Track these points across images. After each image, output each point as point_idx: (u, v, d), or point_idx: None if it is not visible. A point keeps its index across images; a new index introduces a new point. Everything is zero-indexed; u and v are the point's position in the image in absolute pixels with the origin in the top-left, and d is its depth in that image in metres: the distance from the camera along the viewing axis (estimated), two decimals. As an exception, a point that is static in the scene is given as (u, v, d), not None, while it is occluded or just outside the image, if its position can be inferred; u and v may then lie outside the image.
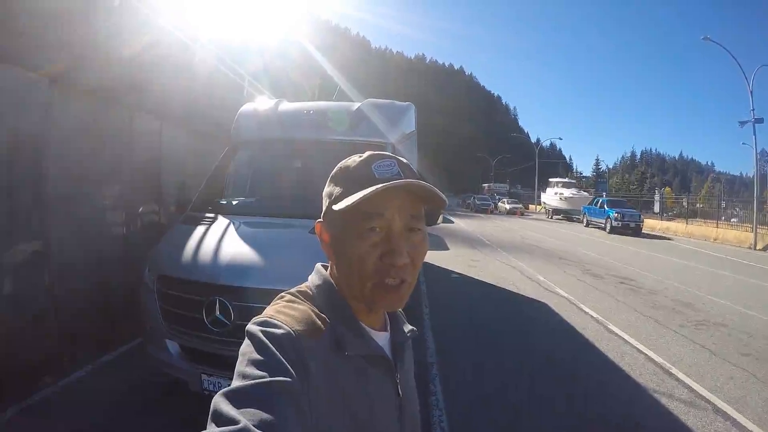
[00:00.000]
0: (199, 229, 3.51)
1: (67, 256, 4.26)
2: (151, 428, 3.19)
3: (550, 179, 43.26)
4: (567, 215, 34.38)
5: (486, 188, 66.45)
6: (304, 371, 0.64)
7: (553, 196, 37.45)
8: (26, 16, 3.70)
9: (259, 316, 0.72)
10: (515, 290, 8.21)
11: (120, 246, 5.10)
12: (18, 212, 3.73)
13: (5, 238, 3.63)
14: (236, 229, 3.47)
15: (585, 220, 27.58)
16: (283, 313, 0.72)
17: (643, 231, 23.64)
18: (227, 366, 0.62)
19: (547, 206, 38.98)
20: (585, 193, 36.71)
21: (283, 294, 0.80)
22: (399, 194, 0.73)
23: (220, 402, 0.58)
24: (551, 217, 36.30)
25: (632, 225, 22.66)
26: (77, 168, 4.41)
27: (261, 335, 0.66)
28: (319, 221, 0.83)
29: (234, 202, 4.31)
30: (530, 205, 52.13)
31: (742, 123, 23.00)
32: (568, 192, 35.70)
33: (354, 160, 0.80)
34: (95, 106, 4.62)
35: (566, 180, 42.22)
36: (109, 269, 4.86)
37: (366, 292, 0.75)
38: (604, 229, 23.71)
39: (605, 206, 24.47)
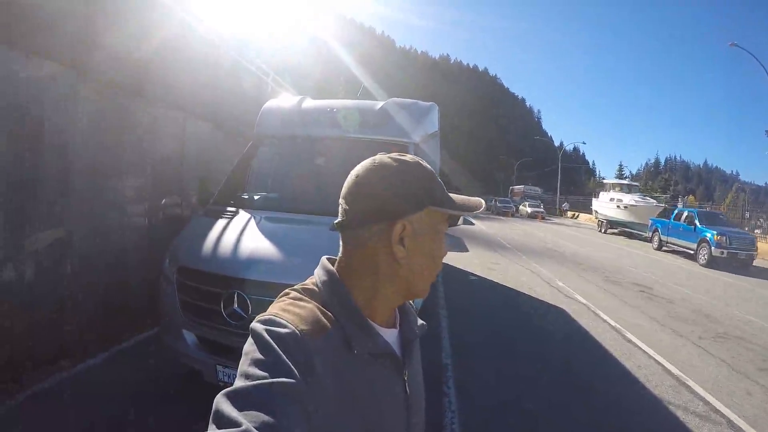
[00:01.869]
0: (220, 223, 3.54)
1: (89, 247, 4.34)
2: (166, 417, 3.23)
3: (605, 181, 34.09)
4: (626, 229, 25.19)
5: (517, 191, 59.76)
6: (309, 371, 0.64)
7: (607, 203, 27.27)
8: (51, 9, 3.77)
9: (263, 314, 0.71)
10: (534, 295, 8.12)
11: (142, 238, 5.17)
12: (43, 203, 3.81)
13: (29, 229, 3.71)
14: (257, 224, 3.49)
15: (656, 239, 18.65)
16: (289, 311, 0.71)
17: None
18: (243, 359, 0.64)
19: (599, 216, 28.91)
20: (653, 201, 26.17)
21: (288, 290, 0.79)
22: None
23: (221, 402, 0.58)
24: (605, 231, 27.32)
25: (742, 255, 14.03)
26: (101, 161, 4.48)
27: (265, 334, 0.66)
28: (404, 220, 0.77)
29: (256, 197, 4.34)
30: (569, 212, 48.60)
31: (769, 132, 22.47)
32: (628, 198, 25.27)
33: (421, 160, 0.83)
34: (119, 100, 4.70)
35: (626, 182, 31.05)
36: (131, 260, 4.95)
37: (427, 286, 0.83)
38: (694, 258, 15.30)
39: (696, 222, 15.62)
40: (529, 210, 41.41)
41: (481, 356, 4.99)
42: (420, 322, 0.91)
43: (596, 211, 29.93)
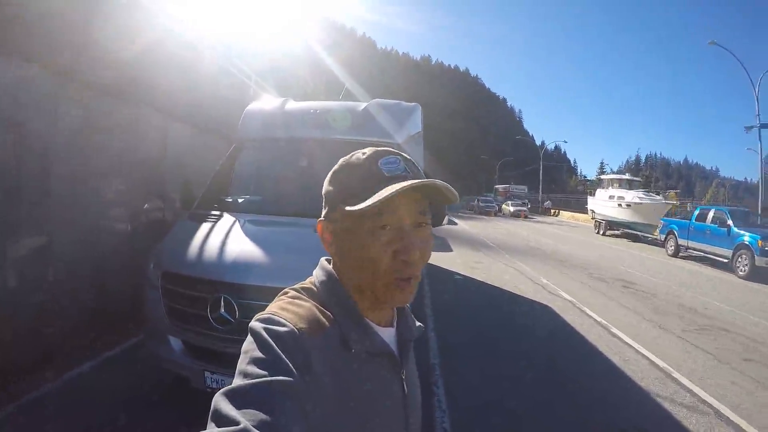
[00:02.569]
0: (205, 226, 3.51)
1: (70, 252, 4.27)
2: (155, 424, 3.19)
3: (602, 177, 30.68)
4: (629, 231, 21.70)
5: (501, 190, 59.58)
6: (308, 370, 0.64)
7: (606, 201, 23.74)
8: (34, 13, 3.72)
9: (262, 313, 0.71)
10: (519, 293, 8.20)
11: (124, 242, 5.11)
12: (23, 208, 3.75)
13: (10, 234, 3.64)
14: (242, 227, 3.47)
15: (672, 244, 15.48)
16: (287, 309, 0.71)
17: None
18: (231, 363, 0.63)
19: (597, 216, 25.05)
20: (660, 198, 22.24)
21: (286, 290, 0.79)
22: (410, 191, 0.71)
23: (220, 401, 0.58)
24: (603, 233, 23.77)
25: None
26: (82, 164, 4.42)
27: (264, 333, 0.66)
28: (320, 220, 0.81)
29: (240, 200, 4.31)
30: (552, 209, 47.19)
31: (748, 128, 23.04)
32: (631, 196, 21.65)
33: (358, 157, 0.78)
34: (101, 103, 4.64)
35: (627, 177, 26.31)
36: (114, 265, 4.88)
37: (379, 290, 0.75)
38: (726, 267, 12.36)
39: (730, 224, 12.51)
40: (511, 209, 41.67)
41: (467, 355, 5.02)
42: (417, 323, 0.91)
43: (593, 211, 26.07)
